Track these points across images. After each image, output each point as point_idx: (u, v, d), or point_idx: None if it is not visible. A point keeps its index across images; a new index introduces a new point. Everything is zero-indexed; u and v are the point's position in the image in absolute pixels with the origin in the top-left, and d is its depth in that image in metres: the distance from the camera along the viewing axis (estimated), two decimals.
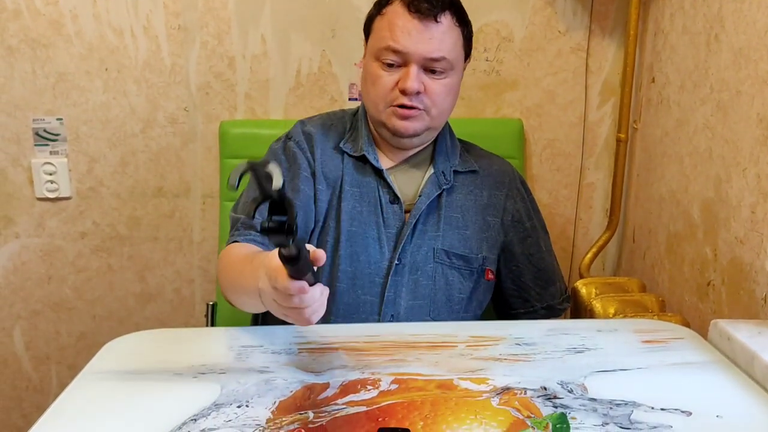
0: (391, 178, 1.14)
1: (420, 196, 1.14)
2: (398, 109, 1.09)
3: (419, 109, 1.09)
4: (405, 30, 1.05)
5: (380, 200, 1.13)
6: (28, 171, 1.57)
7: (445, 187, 1.15)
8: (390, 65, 1.08)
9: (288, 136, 1.19)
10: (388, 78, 1.08)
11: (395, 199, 1.13)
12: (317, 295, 0.79)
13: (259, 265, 0.87)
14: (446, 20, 1.07)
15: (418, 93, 1.07)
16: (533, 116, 1.61)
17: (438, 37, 1.06)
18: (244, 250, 1.04)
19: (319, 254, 0.78)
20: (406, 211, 1.14)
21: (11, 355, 1.69)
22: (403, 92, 1.07)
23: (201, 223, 1.64)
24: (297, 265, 0.73)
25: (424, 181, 1.16)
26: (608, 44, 1.58)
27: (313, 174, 1.14)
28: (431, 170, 1.16)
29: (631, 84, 1.54)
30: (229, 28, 1.53)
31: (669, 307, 1.36)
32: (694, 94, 1.30)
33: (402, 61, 1.07)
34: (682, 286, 1.34)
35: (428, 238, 1.13)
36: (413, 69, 1.06)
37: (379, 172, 1.14)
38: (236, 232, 1.09)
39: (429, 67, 1.08)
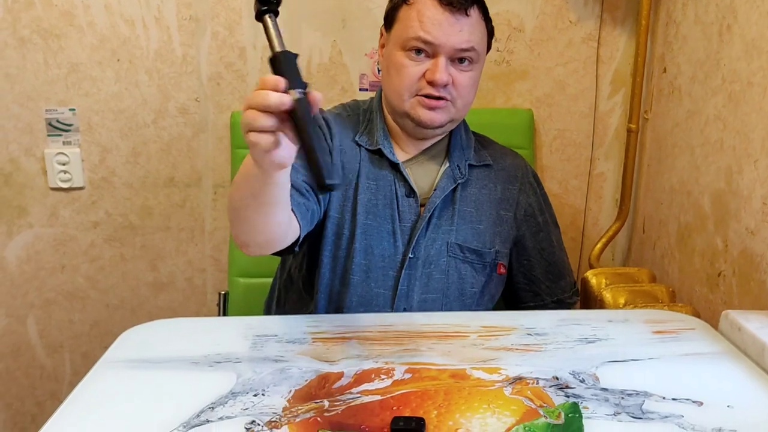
0: (407, 171, 1.14)
1: (435, 189, 1.14)
2: (425, 99, 1.08)
3: (446, 100, 1.09)
4: (436, 21, 1.05)
5: (396, 193, 1.13)
6: (41, 161, 1.58)
7: (460, 181, 1.15)
8: (417, 54, 1.07)
9: None
10: (415, 68, 1.08)
11: (411, 192, 1.13)
12: (269, 84, 0.72)
13: None
14: (475, 14, 1.08)
15: (445, 85, 1.07)
16: (543, 106, 1.61)
17: (467, 29, 1.07)
18: None
19: (315, 95, 0.73)
20: (421, 205, 1.14)
21: (25, 344, 1.71)
22: (432, 83, 1.07)
23: (212, 213, 1.65)
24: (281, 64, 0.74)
25: (439, 175, 1.16)
26: (619, 34, 1.57)
27: (331, 156, 1.13)
28: (447, 164, 1.16)
29: (642, 74, 1.54)
30: (240, 19, 1.53)
31: (679, 297, 1.36)
32: (706, 84, 1.30)
33: (431, 51, 1.07)
34: (692, 276, 1.35)
35: (442, 232, 1.14)
36: (442, 60, 1.06)
37: (395, 166, 1.14)
38: None
39: (457, 58, 1.08)
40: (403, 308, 1.11)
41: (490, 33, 1.14)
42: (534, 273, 1.23)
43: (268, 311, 1.26)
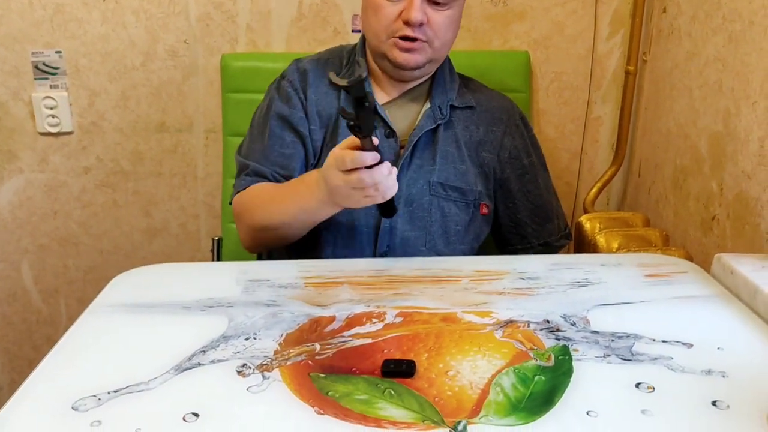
0: (387, 113, 1.14)
1: (414, 129, 1.14)
2: (400, 41, 1.07)
3: (422, 41, 1.08)
4: None
5: (376, 134, 1.12)
6: (29, 105, 1.56)
7: (440, 121, 1.14)
8: None
9: (282, 76, 1.19)
10: (391, 8, 1.07)
11: (391, 133, 1.13)
12: (385, 172, 0.91)
13: (313, 180, 1.00)
14: None
15: (421, 24, 1.06)
16: (540, 48, 1.58)
17: None
18: (272, 187, 1.11)
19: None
20: (402, 147, 1.14)
21: (20, 289, 1.71)
22: (407, 23, 1.06)
23: (204, 159, 1.63)
24: (368, 138, 0.89)
25: (420, 116, 1.15)
26: None
27: (306, 114, 1.14)
28: (428, 105, 1.16)
29: (642, 14, 1.50)
30: None
31: (673, 241, 1.36)
32: (706, 24, 1.27)
33: None
34: (686, 220, 1.34)
35: (424, 172, 1.13)
36: (416, 0, 1.04)
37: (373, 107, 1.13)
38: (247, 177, 1.14)
39: (432, 0, 1.06)
40: (386, 245, 1.12)
41: None
42: (519, 216, 1.22)
43: (259, 255, 1.26)
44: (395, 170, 0.93)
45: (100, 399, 0.68)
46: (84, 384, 0.71)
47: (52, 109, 1.55)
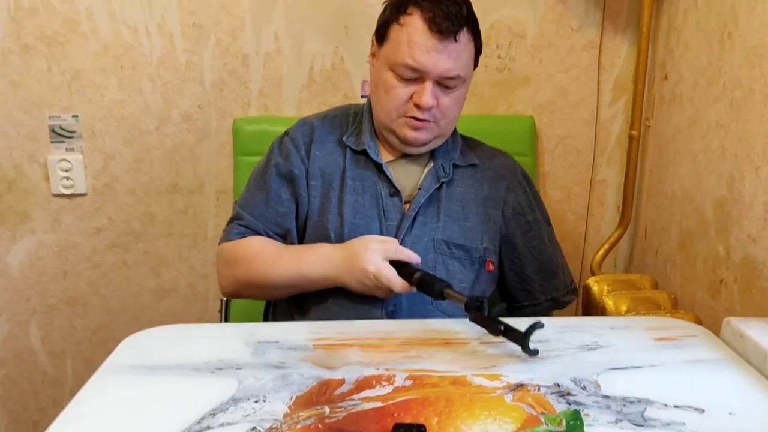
0: (391, 171, 1.16)
1: (419, 189, 1.16)
2: (411, 120, 1.11)
3: (430, 122, 1.12)
4: (424, 48, 1.06)
5: (380, 193, 1.15)
6: (44, 167, 1.59)
7: (444, 180, 1.17)
8: (405, 76, 1.09)
9: (286, 133, 1.22)
10: (403, 90, 1.10)
11: (395, 192, 1.15)
12: (404, 292, 1.06)
13: (325, 253, 1.09)
14: (463, 37, 1.09)
15: (430, 108, 1.10)
16: (545, 113, 1.61)
17: (455, 56, 1.08)
18: (273, 247, 1.15)
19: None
20: (406, 202, 1.16)
21: (27, 350, 1.71)
22: (418, 107, 1.10)
23: (215, 220, 1.65)
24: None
25: (423, 175, 1.18)
26: (621, 41, 1.57)
27: (307, 171, 1.17)
28: (431, 164, 1.18)
29: (643, 81, 1.54)
30: (242, 25, 1.54)
31: (681, 304, 1.36)
32: (707, 91, 1.30)
33: (418, 76, 1.09)
34: (694, 283, 1.35)
35: (428, 230, 1.15)
36: (429, 86, 1.08)
37: (379, 166, 1.16)
38: (240, 227, 1.18)
39: (443, 84, 1.10)
40: (393, 304, 1.12)
41: (478, 50, 1.15)
42: (525, 272, 1.23)
43: (266, 317, 1.26)
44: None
45: None
46: None
47: (67, 171, 1.58)
